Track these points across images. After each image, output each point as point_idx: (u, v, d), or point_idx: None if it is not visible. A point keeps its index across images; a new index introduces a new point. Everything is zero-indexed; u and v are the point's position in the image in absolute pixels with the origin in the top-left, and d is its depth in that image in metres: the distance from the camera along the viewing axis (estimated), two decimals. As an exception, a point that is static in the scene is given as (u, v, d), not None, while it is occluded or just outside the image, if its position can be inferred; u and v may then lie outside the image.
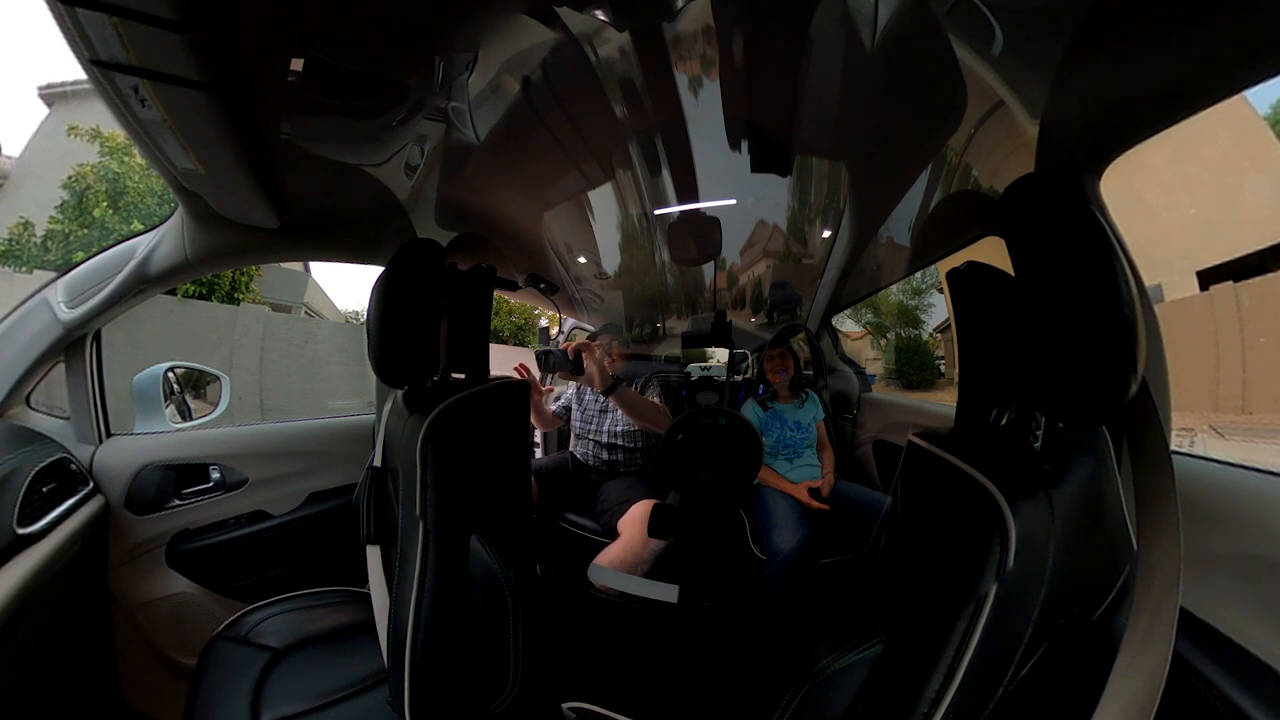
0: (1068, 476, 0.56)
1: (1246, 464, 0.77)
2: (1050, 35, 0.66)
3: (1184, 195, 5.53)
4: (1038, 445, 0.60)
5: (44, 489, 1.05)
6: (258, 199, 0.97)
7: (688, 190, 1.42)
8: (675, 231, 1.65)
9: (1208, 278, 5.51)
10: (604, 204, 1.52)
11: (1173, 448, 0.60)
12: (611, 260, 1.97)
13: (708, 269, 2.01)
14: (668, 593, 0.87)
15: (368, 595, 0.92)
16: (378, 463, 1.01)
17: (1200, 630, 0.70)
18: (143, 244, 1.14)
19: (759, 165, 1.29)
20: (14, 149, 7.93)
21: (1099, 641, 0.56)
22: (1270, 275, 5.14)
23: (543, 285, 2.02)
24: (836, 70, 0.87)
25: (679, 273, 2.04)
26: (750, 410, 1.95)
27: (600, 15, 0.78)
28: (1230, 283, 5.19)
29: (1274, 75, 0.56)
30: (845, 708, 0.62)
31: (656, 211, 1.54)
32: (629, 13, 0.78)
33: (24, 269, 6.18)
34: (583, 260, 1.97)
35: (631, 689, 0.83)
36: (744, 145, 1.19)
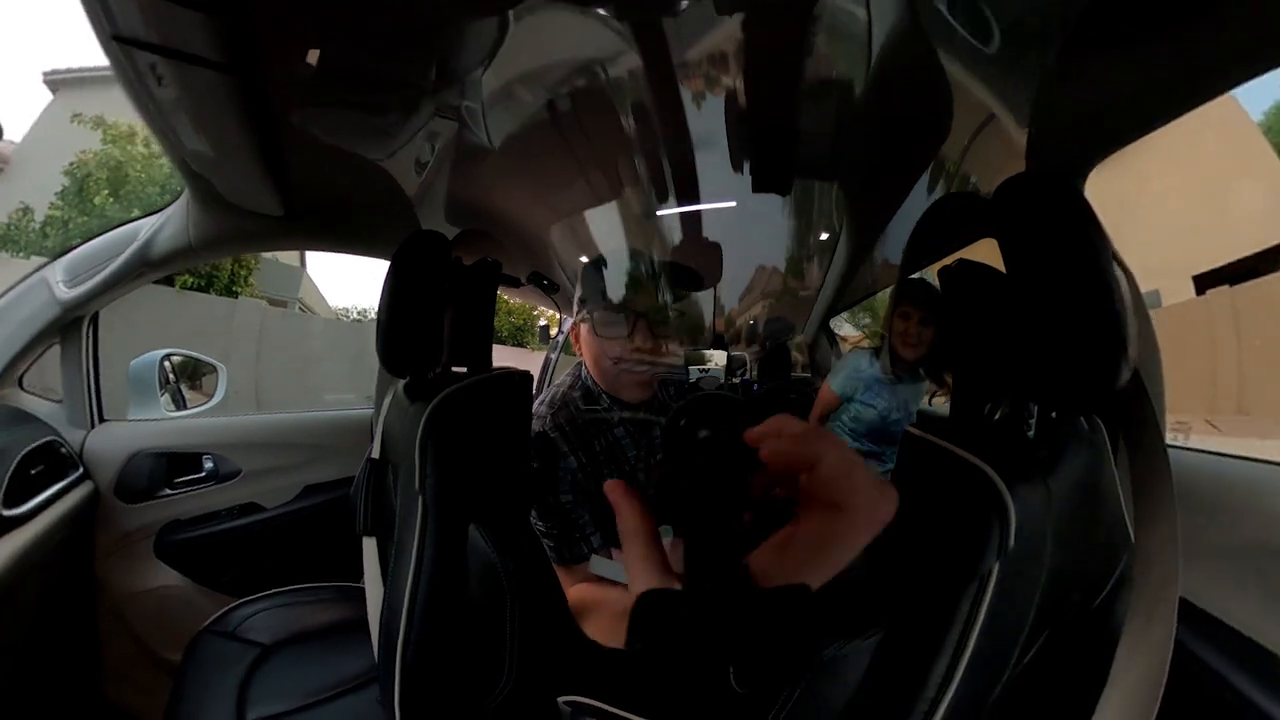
0: (1064, 464, 0.57)
1: (1240, 454, 0.80)
2: (1037, 49, 0.69)
3: (1180, 202, 5.64)
4: (1031, 434, 0.61)
5: (32, 471, 1.03)
6: (265, 185, 0.97)
7: (688, 197, 1.42)
8: (675, 253, 1.65)
9: (1204, 282, 5.60)
10: (604, 205, 1.53)
11: (1168, 442, 0.61)
12: (613, 262, 1.97)
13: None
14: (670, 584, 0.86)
15: (361, 592, 0.90)
16: (376, 454, 1.00)
17: (1199, 617, 0.71)
18: (146, 226, 1.13)
19: (760, 185, 1.30)
20: (16, 134, 7.91)
21: (1100, 630, 0.56)
22: (1265, 279, 5.24)
23: (545, 283, 2.02)
24: (833, 86, 0.89)
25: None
26: (857, 364, 1.46)
27: (602, 16, 0.79)
28: (1226, 287, 5.29)
29: (1251, 78, 0.60)
30: (849, 695, 0.61)
31: (658, 212, 1.54)
32: (632, 23, 0.79)
33: (21, 254, 6.15)
34: (584, 260, 1.97)
35: (629, 682, 0.81)
36: (746, 157, 1.20)
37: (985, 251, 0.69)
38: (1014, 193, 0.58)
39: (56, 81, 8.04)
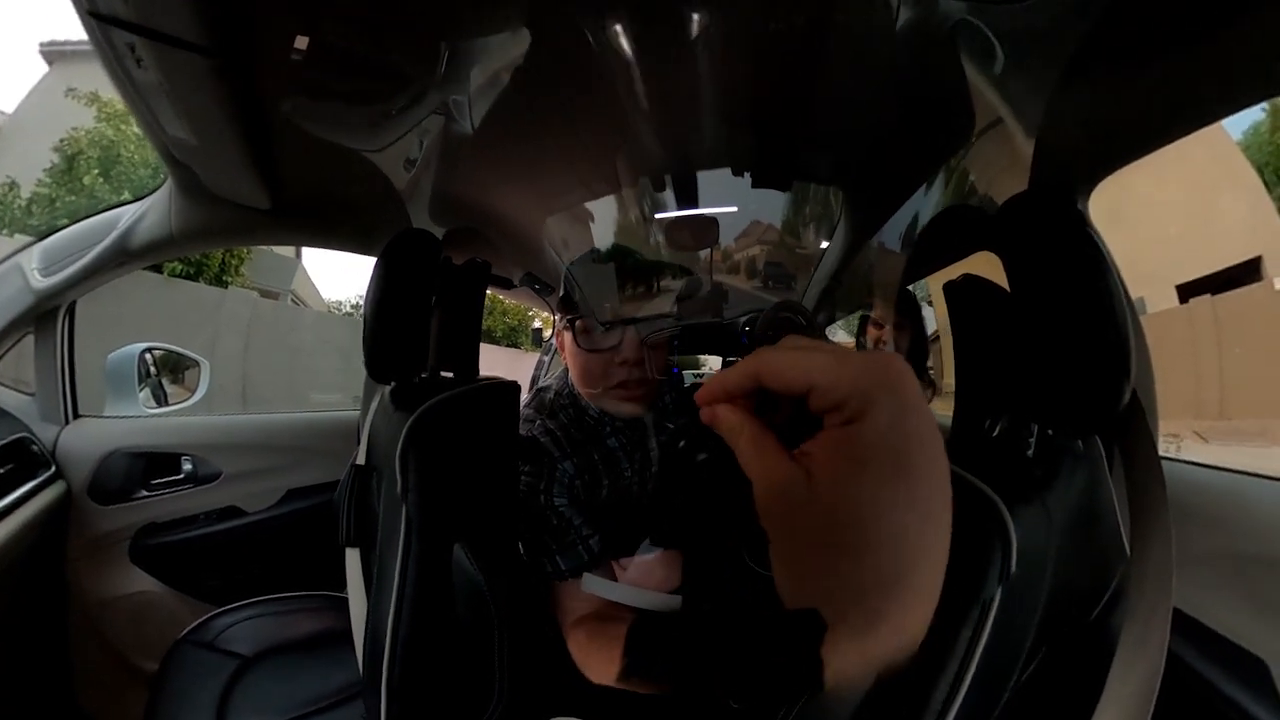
0: (1063, 482, 0.58)
1: (1228, 467, 0.83)
2: (1048, 60, 0.69)
3: (1165, 214, 5.89)
4: (1031, 453, 0.61)
5: (0, 470, 0.98)
6: (250, 176, 0.93)
7: (687, 196, 1.39)
8: (673, 228, 1.61)
9: (1187, 291, 5.86)
10: (603, 205, 1.50)
11: (1160, 454, 0.62)
12: (602, 269, 1.93)
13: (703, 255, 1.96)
14: (667, 602, 0.82)
15: (345, 601, 0.87)
16: (361, 460, 0.96)
17: (1189, 625, 0.73)
18: (126, 215, 1.08)
19: (759, 181, 1.27)
20: (9, 104, 7.71)
21: (1096, 643, 0.56)
22: (1244, 289, 5.56)
23: (538, 285, 1.97)
24: (843, 85, 0.87)
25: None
26: None
27: (607, 21, 0.75)
28: (1208, 296, 5.54)
29: (1245, 106, 0.63)
30: (849, 715, 0.60)
31: (657, 216, 1.51)
32: (634, 18, 0.76)
33: (4, 232, 6.00)
34: (569, 263, 1.93)
35: (622, 702, 0.79)
36: (745, 152, 1.17)
37: (979, 264, 0.69)
38: (1018, 212, 0.59)
39: (53, 53, 7.84)
